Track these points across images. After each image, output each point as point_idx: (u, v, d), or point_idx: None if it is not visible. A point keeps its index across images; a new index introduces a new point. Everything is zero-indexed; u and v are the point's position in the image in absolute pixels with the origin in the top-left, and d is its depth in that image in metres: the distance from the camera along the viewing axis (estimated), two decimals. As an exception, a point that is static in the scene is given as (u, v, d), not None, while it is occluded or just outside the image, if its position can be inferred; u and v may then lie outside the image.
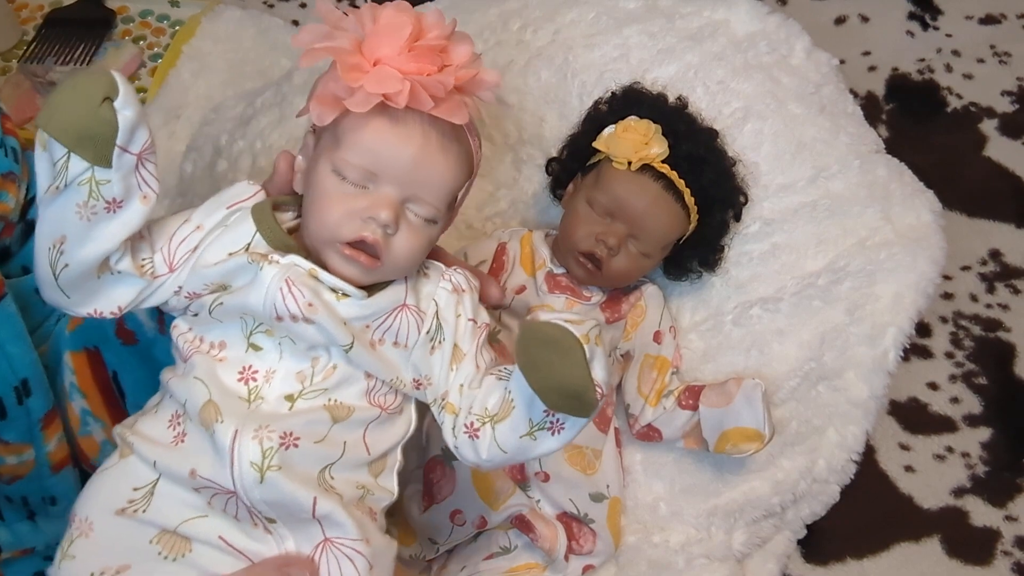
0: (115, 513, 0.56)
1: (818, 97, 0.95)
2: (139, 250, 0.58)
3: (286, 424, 0.55)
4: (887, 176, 0.94)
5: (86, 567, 0.54)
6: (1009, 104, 1.36)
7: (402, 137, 0.56)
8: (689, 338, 0.93)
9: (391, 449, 0.62)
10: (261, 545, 0.56)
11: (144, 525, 0.55)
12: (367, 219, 0.56)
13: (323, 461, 0.56)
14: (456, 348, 0.62)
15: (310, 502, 0.54)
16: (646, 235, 0.84)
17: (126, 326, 0.71)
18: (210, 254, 0.58)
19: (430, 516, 0.83)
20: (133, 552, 0.55)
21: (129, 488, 0.56)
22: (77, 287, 0.56)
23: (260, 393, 0.56)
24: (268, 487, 0.53)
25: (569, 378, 0.53)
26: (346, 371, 0.58)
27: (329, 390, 0.57)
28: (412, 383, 0.61)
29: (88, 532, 0.55)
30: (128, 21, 1.34)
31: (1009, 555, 0.98)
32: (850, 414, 0.89)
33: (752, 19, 0.97)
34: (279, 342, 0.57)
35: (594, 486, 0.87)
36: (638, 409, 0.89)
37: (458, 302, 0.63)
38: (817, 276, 0.90)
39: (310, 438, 0.55)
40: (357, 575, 0.55)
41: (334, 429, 0.57)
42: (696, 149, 0.85)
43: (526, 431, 0.57)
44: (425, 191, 0.58)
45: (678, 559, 0.88)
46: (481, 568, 0.86)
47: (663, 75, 0.94)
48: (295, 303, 0.55)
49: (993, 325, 1.15)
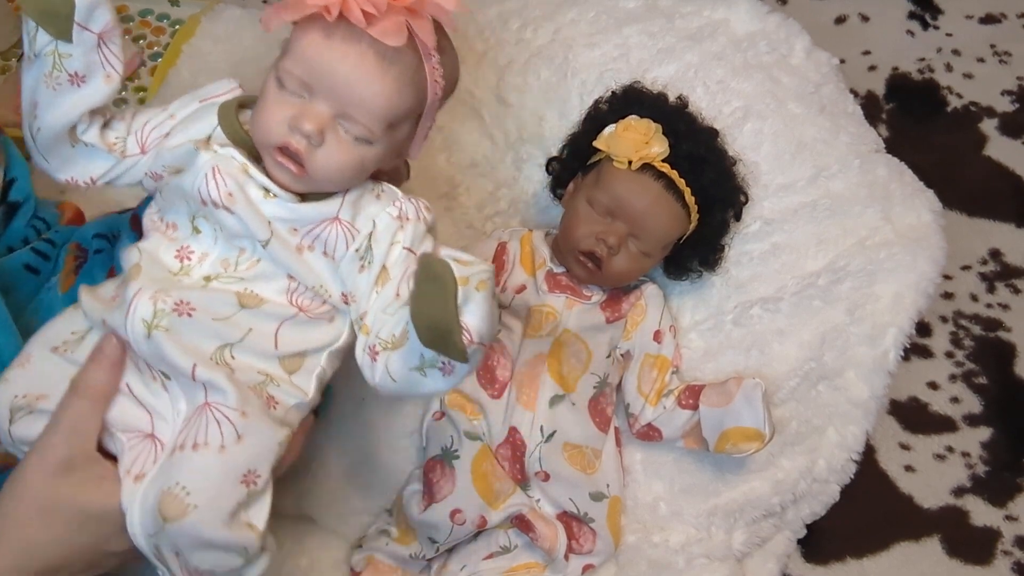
0: (50, 350, 0.62)
1: (818, 97, 0.95)
2: (112, 128, 0.63)
3: (186, 295, 0.59)
4: (887, 176, 0.94)
5: (12, 390, 0.60)
6: (1009, 104, 1.36)
7: (336, 52, 0.57)
8: (689, 337, 0.93)
9: (310, 351, 0.63)
10: (157, 400, 0.59)
11: (69, 364, 0.61)
12: (294, 128, 0.58)
13: (221, 339, 0.59)
14: (384, 271, 0.62)
15: (189, 367, 0.57)
16: (646, 234, 0.84)
17: (117, 273, 0.72)
18: (174, 139, 0.63)
19: (430, 515, 0.83)
20: (53, 385, 0.60)
21: (68, 331, 0.63)
22: (53, 152, 0.62)
23: (189, 271, 0.61)
24: (152, 344, 0.57)
25: (437, 315, 0.53)
26: (268, 267, 0.61)
27: (246, 280, 0.61)
28: (340, 296, 0.63)
29: (25, 363, 0.61)
30: (128, 20, 1.34)
31: (1009, 555, 0.98)
32: (850, 414, 0.89)
33: (752, 19, 0.97)
34: (215, 229, 0.61)
35: (594, 485, 0.87)
36: (638, 408, 0.89)
37: (399, 229, 0.63)
38: (817, 276, 0.90)
39: (208, 314, 0.59)
40: (220, 437, 0.56)
41: (240, 314, 0.60)
42: (697, 148, 0.85)
43: (416, 365, 0.58)
44: (357, 110, 0.58)
45: (678, 559, 0.88)
46: (481, 567, 0.86)
47: (663, 74, 0.94)
48: (216, 190, 0.59)
49: (993, 325, 1.15)
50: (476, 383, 0.87)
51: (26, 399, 0.60)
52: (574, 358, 0.87)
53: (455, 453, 0.85)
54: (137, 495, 0.56)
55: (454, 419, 0.87)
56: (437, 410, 0.89)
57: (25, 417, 0.60)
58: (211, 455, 0.56)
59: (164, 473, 0.56)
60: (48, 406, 0.59)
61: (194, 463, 0.55)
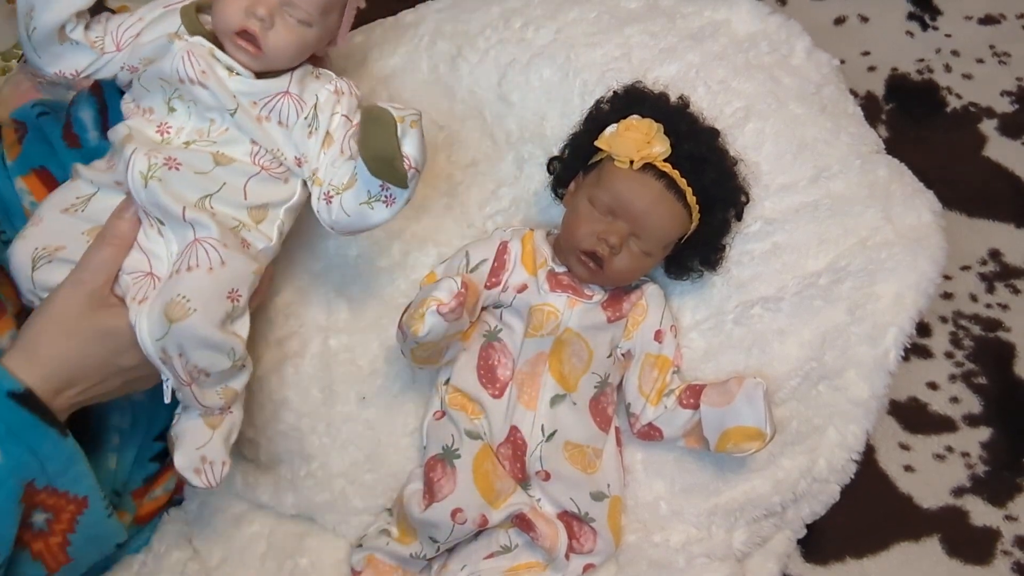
0: (60, 211, 0.75)
1: (819, 97, 0.95)
2: (93, 29, 0.75)
3: (174, 153, 0.72)
4: (887, 176, 0.94)
5: (32, 244, 0.73)
6: (1009, 104, 1.36)
7: None
8: (690, 337, 0.93)
9: (271, 204, 0.77)
10: (154, 245, 0.72)
11: (80, 220, 0.74)
12: (249, 13, 0.72)
13: (203, 191, 0.72)
14: (328, 135, 0.78)
15: (179, 210, 0.70)
16: (648, 234, 0.84)
17: (73, 130, 0.84)
18: (145, 36, 0.76)
19: (430, 514, 0.83)
20: (69, 238, 0.73)
21: (73, 196, 0.75)
22: (44, 48, 0.74)
23: (169, 141, 0.74)
24: (149, 192, 0.70)
25: (382, 146, 0.70)
26: (235, 134, 0.75)
27: (218, 143, 0.75)
28: (294, 160, 0.77)
29: (39, 223, 0.74)
30: (128, 20, 1.33)
31: (1009, 555, 0.98)
32: (851, 413, 0.89)
33: (753, 19, 0.97)
34: (188, 106, 0.75)
35: (595, 485, 0.87)
36: (639, 408, 0.89)
37: (336, 101, 0.78)
38: (818, 276, 0.90)
39: (191, 168, 0.72)
40: (208, 261, 0.70)
41: (216, 170, 0.73)
42: (698, 148, 0.85)
43: (365, 199, 0.74)
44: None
45: (678, 558, 0.88)
46: (482, 567, 0.86)
47: (664, 74, 0.94)
48: (192, 69, 0.73)
49: (993, 325, 1.15)
50: (477, 382, 0.87)
51: (46, 250, 0.73)
52: (575, 357, 0.87)
53: (456, 452, 0.85)
54: (143, 311, 0.69)
55: (455, 418, 0.87)
56: (438, 409, 0.89)
57: (46, 265, 0.72)
58: (203, 274, 0.69)
59: (166, 290, 0.69)
60: (66, 255, 0.72)
61: (190, 280, 0.69)
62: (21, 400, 0.66)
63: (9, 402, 0.66)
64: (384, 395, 0.91)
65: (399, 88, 0.98)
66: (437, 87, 0.98)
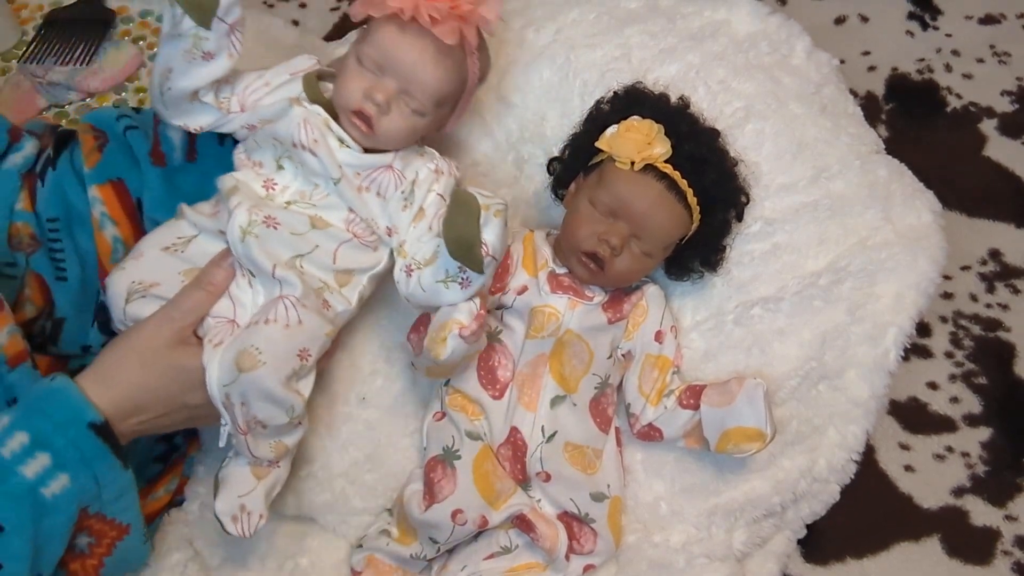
0: (161, 249, 0.78)
1: (819, 97, 0.96)
2: (222, 90, 0.78)
3: (274, 212, 0.76)
4: (887, 176, 0.94)
5: (130, 277, 0.76)
6: (1009, 104, 1.36)
7: (406, 43, 0.74)
8: (690, 338, 0.93)
9: (357, 270, 0.80)
10: (242, 293, 0.76)
11: (178, 260, 0.78)
12: (368, 97, 0.75)
13: (295, 250, 0.76)
14: (421, 210, 0.80)
15: (270, 267, 0.74)
16: (648, 235, 0.84)
17: (161, 149, 0.85)
18: (268, 100, 0.79)
19: (431, 515, 0.83)
20: (165, 276, 0.77)
21: (174, 236, 0.79)
22: (173, 106, 0.77)
23: (273, 198, 0.78)
24: (245, 246, 0.74)
25: (464, 231, 0.71)
26: (335, 201, 0.78)
27: (317, 207, 0.78)
28: (385, 229, 0.80)
29: (139, 258, 0.78)
30: (128, 21, 1.33)
31: (1009, 555, 0.99)
32: (851, 413, 0.89)
33: (753, 19, 0.98)
34: (296, 167, 0.78)
35: (595, 486, 0.88)
36: (639, 408, 0.89)
37: (435, 180, 0.81)
38: (818, 276, 0.90)
39: (288, 228, 0.76)
40: (286, 318, 0.72)
41: (312, 232, 0.77)
42: (698, 149, 0.85)
43: (442, 278, 0.76)
44: (417, 89, 0.76)
45: (678, 558, 0.88)
46: (482, 568, 0.86)
47: (665, 75, 0.94)
48: (306, 136, 0.76)
49: (993, 325, 1.15)
50: (477, 384, 0.87)
51: (141, 284, 0.76)
52: (576, 359, 0.87)
53: (456, 453, 0.85)
54: (216, 355, 0.72)
55: (455, 419, 0.87)
56: (438, 410, 0.89)
57: (139, 299, 0.76)
58: (279, 329, 0.72)
59: (241, 338, 0.72)
60: (159, 292, 0.76)
61: (266, 333, 0.71)
62: (98, 431, 0.68)
63: (88, 432, 0.68)
64: (384, 396, 0.91)
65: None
66: (437, 88, 0.98)
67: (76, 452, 0.67)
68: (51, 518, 0.66)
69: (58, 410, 0.68)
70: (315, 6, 1.43)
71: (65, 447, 0.67)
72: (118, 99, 1.27)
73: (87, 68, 1.25)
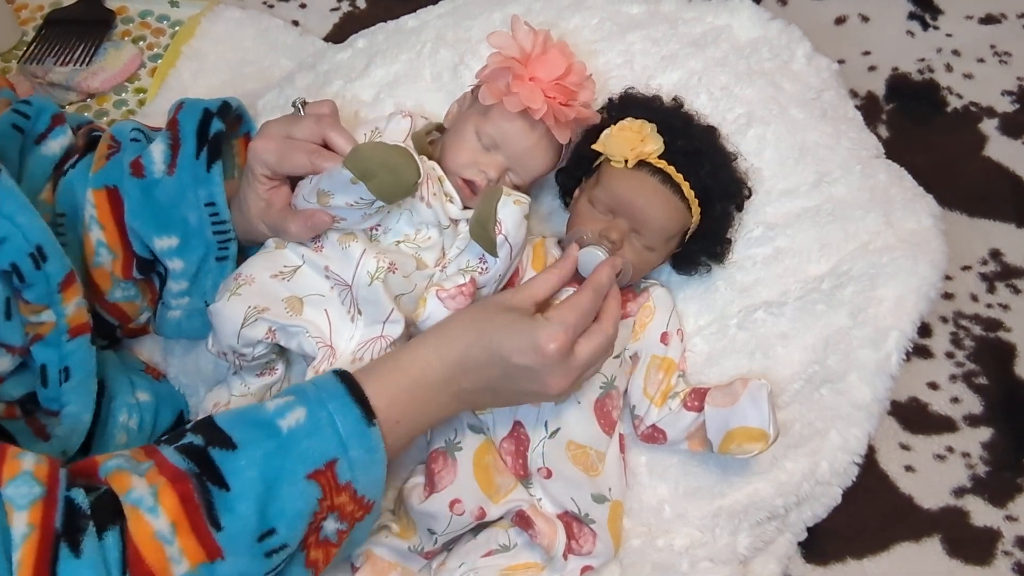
0: (270, 276, 0.82)
1: (819, 102, 0.96)
2: None
3: (393, 257, 0.81)
4: (888, 181, 0.94)
5: (247, 302, 0.80)
6: (1009, 104, 1.36)
7: (525, 132, 0.83)
8: (693, 342, 0.93)
9: None
10: (345, 326, 0.81)
11: (283, 287, 0.82)
12: (480, 170, 0.84)
13: (402, 289, 0.82)
14: None
15: (390, 308, 0.80)
16: (647, 229, 0.85)
17: (140, 161, 0.85)
18: None
19: (429, 505, 0.83)
20: (272, 301, 0.81)
21: (281, 264, 0.83)
22: None
23: (376, 239, 0.83)
24: (372, 290, 0.79)
25: (482, 208, 0.78)
26: (435, 243, 0.84)
27: (421, 249, 0.84)
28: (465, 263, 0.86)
29: (251, 282, 0.81)
30: (128, 21, 1.33)
31: (1010, 555, 0.99)
32: (852, 417, 0.89)
33: (754, 25, 0.98)
34: (402, 213, 0.83)
35: (596, 487, 0.88)
36: (643, 410, 0.90)
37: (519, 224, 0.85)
38: (820, 280, 0.91)
39: (401, 272, 0.81)
40: (381, 351, 0.79)
41: (415, 274, 0.83)
42: (691, 143, 0.86)
43: (463, 267, 0.83)
44: (522, 169, 0.86)
45: (682, 562, 0.88)
46: (479, 564, 0.86)
47: (667, 81, 0.94)
48: (427, 190, 0.82)
49: (993, 325, 1.15)
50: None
51: (255, 309, 0.80)
52: (582, 359, 0.87)
53: (458, 445, 0.86)
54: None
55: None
56: (442, 406, 0.89)
57: (253, 323, 0.79)
58: None
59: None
60: (269, 316, 0.79)
61: None
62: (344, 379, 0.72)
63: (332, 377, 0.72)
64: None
65: (403, 95, 0.99)
66: (440, 94, 0.98)
67: (316, 391, 0.70)
68: (287, 455, 0.66)
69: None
70: (315, 6, 1.42)
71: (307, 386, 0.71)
72: (118, 99, 1.27)
73: (87, 68, 1.25)
